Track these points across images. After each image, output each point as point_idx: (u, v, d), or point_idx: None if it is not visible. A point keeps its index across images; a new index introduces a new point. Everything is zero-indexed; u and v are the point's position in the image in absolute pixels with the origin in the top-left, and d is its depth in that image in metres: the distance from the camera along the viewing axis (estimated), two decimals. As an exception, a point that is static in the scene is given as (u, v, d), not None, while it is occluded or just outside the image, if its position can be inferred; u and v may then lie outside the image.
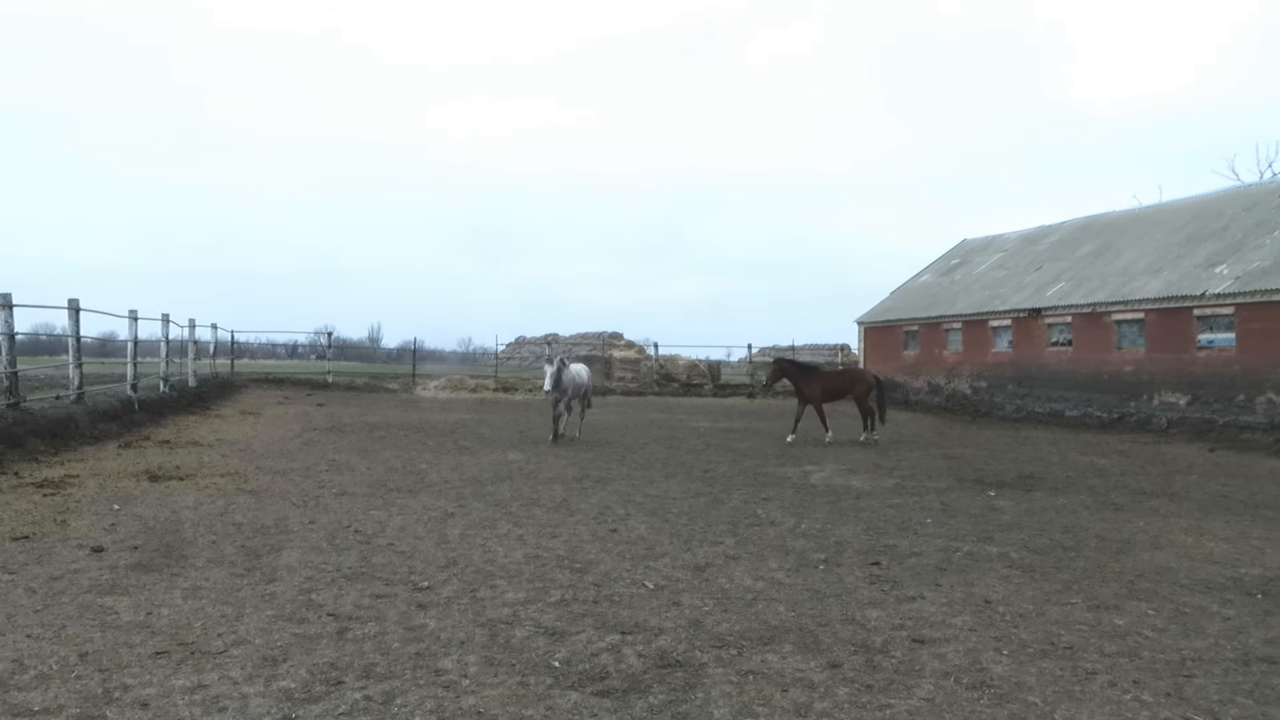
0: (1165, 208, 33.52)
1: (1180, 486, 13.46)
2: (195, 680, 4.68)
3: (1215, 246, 27.21)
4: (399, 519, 9.29)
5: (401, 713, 4.36)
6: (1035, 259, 35.67)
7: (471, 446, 16.67)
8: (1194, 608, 6.62)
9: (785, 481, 13.01)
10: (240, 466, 12.67)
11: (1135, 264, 29.46)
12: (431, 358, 67.68)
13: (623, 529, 9.13)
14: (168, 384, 23.17)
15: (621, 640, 5.55)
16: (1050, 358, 30.30)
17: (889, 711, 4.53)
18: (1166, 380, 25.79)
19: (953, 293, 37.86)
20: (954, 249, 44.31)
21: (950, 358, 35.39)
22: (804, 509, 10.60)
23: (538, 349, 63.75)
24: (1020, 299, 32.44)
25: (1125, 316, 27.50)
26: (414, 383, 37.84)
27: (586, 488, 11.87)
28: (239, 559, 7.34)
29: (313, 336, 62.45)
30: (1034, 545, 8.77)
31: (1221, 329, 24.60)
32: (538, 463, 14.44)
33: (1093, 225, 35.67)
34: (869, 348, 41.69)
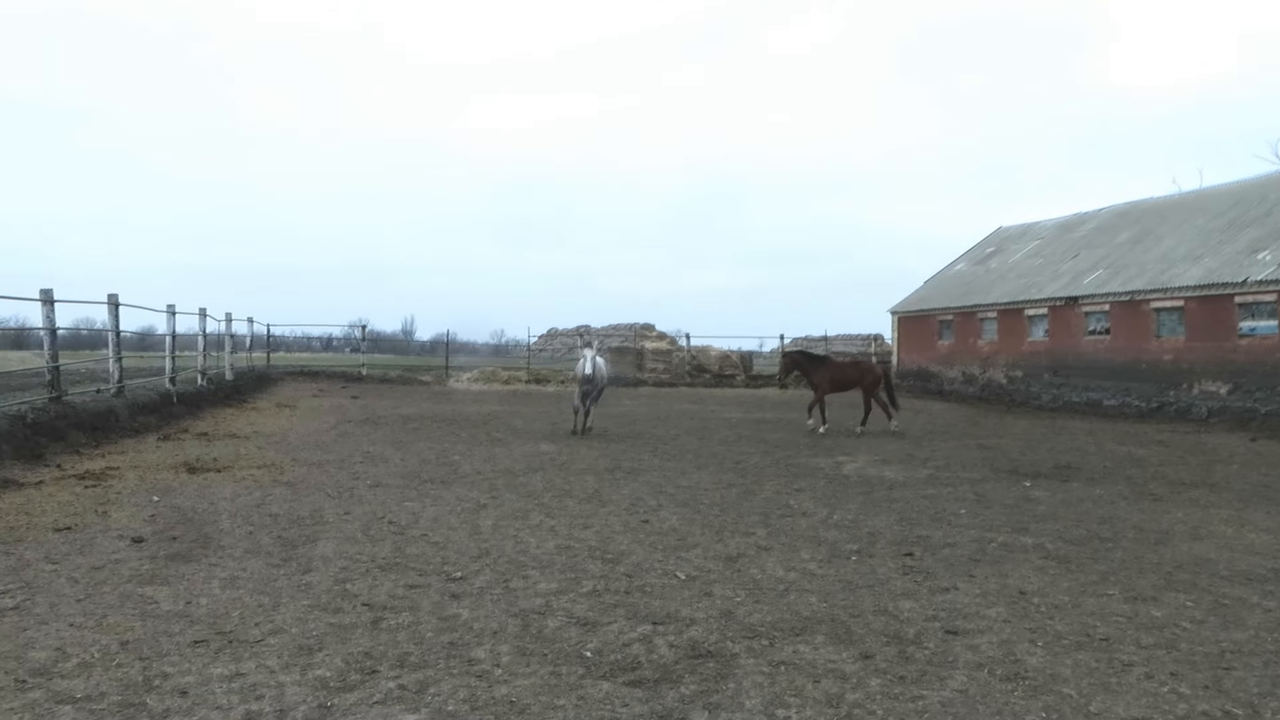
0: (1206, 193, 32.97)
1: (1221, 477, 13.26)
2: (233, 669, 4.75)
3: (1258, 232, 26.72)
4: (432, 510, 9.36)
5: (435, 701, 4.40)
6: (1072, 247, 35.23)
7: (504, 438, 16.76)
8: (1234, 599, 6.53)
9: (818, 472, 12.97)
10: (276, 458, 12.83)
11: (1175, 251, 29.01)
12: (464, 350, 68.13)
13: (655, 520, 9.14)
14: (205, 377, 23.49)
15: (653, 631, 5.56)
16: (1087, 347, 29.94)
17: (921, 702, 4.50)
18: (1207, 369, 25.40)
19: (988, 281, 37.49)
20: (989, 237, 43.87)
21: (985, 347, 35.06)
22: (836, 500, 10.56)
23: (569, 340, 63.90)
24: (1057, 287, 32.06)
25: (1164, 304, 27.10)
26: (447, 375, 38.11)
27: (618, 479, 11.90)
28: (275, 549, 7.43)
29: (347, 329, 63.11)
30: (1070, 536, 8.68)
31: (1264, 316, 24.18)
32: (570, 454, 14.49)
33: (1131, 212, 35.16)
34: (902, 338, 41.41)
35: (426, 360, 53.91)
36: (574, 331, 67.08)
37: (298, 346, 63.44)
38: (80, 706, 4.24)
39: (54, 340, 14.24)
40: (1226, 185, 32.43)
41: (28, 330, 39.17)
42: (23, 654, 4.88)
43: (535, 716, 4.26)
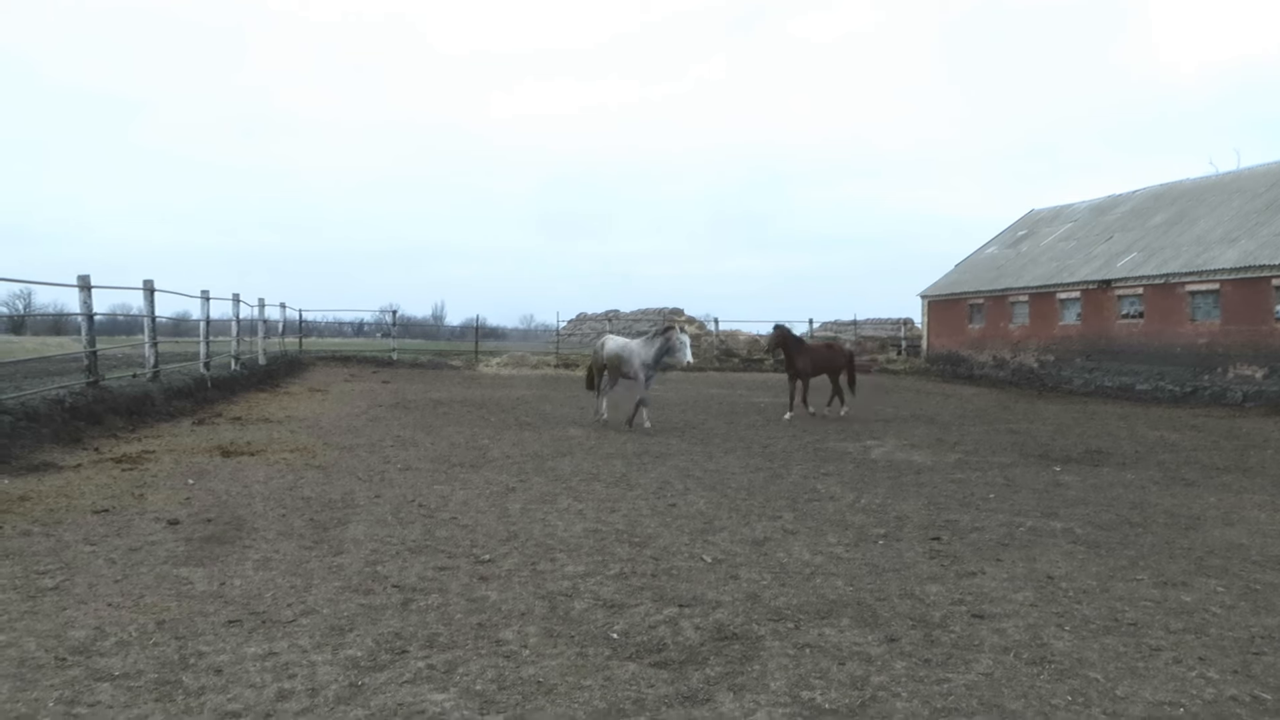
0: (1243, 174, 32.42)
1: (1255, 462, 13.10)
2: (266, 648, 4.84)
3: (1296, 214, 26.26)
4: (462, 493, 9.45)
5: (463, 681, 4.47)
6: (1106, 229, 34.79)
7: (532, 422, 16.85)
8: (1265, 584, 6.47)
9: (845, 456, 12.94)
10: (309, 442, 12.98)
11: (1211, 233, 28.58)
12: (494, 335, 68.45)
13: (682, 503, 9.18)
14: (239, 362, 23.76)
15: (679, 613, 5.60)
16: (1120, 330, 29.60)
17: (947, 685, 4.51)
18: (1243, 353, 25.04)
19: (1019, 265, 37.12)
20: (1021, 220, 43.42)
21: (1016, 331, 34.75)
22: (864, 484, 10.54)
23: (598, 325, 63.89)
24: (1089, 271, 31.69)
25: (1200, 287, 26.72)
26: (476, 360, 38.29)
27: (646, 463, 11.94)
28: (308, 532, 7.54)
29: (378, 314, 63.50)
30: (1100, 521, 8.63)
31: (1302, 299, 23.78)
32: (598, 438, 14.55)
33: (1166, 194, 34.65)
34: (932, 322, 41.12)
35: (456, 345, 54.20)
36: (603, 316, 67.07)
37: (329, 332, 64.05)
38: (118, 684, 4.35)
39: (91, 326, 14.45)
40: (1264, 166, 31.85)
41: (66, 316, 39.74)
42: (62, 633, 5.00)
43: (562, 696, 4.32)
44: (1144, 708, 4.29)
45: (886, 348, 47.69)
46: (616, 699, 4.29)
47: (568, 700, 4.27)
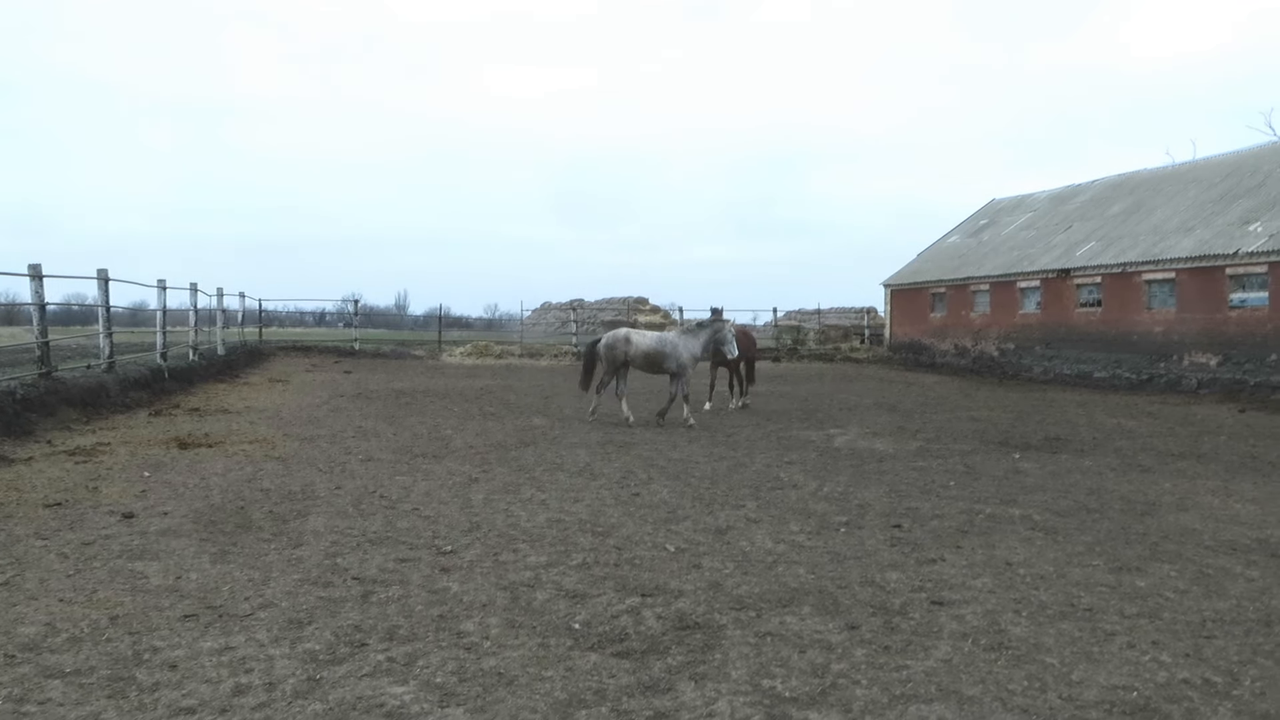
0: (1199, 165, 32.93)
1: (1209, 448, 13.34)
2: (223, 642, 4.78)
3: (1250, 204, 26.73)
4: (424, 484, 9.39)
5: (423, 674, 4.44)
6: (1065, 219, 35.21)
7: (496, 412, 16.78)
8: (1217, 569, 6.59)
9: (809, 445, 13.01)
10: (268, 433, 12.83)
11: (1167, 222, 29.01)
12: (457, 324, 68.03)
13: (645, 493, 9.18)
14: (197, 352, 23.44)
15: (641, 602, 5.60)
16: (1079, 319, 30.00)
17: (906, 672, 4.55)
18: (1197, 341, 25.48)
19: (981, 254, 37.48)
20: (982, 209, 43.82)
21: (978, 320, 35.11)
22: (827, 472, 10.61)
23: (562, 315, 63.74)
24: (1049, 259, 32.07)
25: (1156, 276, 27.14)
26: (440, 349, 38.04)
27: (610, 452, 11.93)
28: (266, 524, 7.45)
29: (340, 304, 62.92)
30: (1057, 507, 8.74)
31: (1255, 288, 24.24)
32: (562, 428, 14.52)
33: (1125, 184, 35.12)
34: (895, 310, 41.43)
35: (419, 335, 53.80)
36: (567, 306, 66.91)
37: (290, 321, 63.38)
38: (70, 680, 4.27)
39: (43, 315, 14.18)
40: (1219, 156, 32.38)
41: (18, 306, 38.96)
42: (12, 629, 4.90)
43: (523, 688, 4.30)
44: (1098, 692, 4.35)
45: (850, 336, 48.00)
46: (578, 689, 4.28)
47: (529, 691, 4.25)
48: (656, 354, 15.35)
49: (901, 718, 4.05)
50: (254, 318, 38.12)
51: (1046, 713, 4.12)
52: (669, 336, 15.82)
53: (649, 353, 15.36)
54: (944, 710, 4.13)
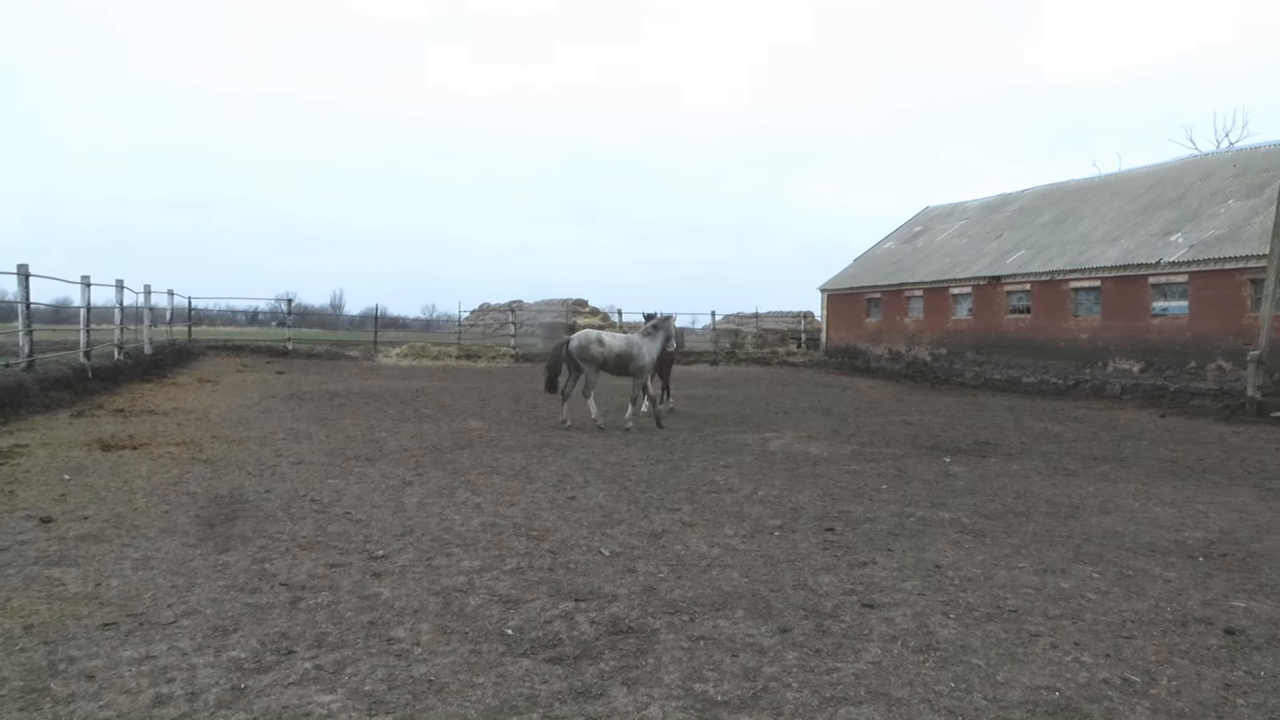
0: (1124, 176, 33.89)
1: (1130, 452, 13.72)
2: (143, 651, 4.65)
3: (1171, 215, 27.58)
4: (356, 487, 9.25)
5: (352, 681, 4.37)
6: (996, 227, 35.97)
7: (432, 414, 16.60)
8: (1137, 571, 6.78)
9: (745, 448, 13.10)
10: (196, 435, 12.54)
11: (1093, 232, 29.80)
12: (394, 325, 67.27)
13: (581, 496, 9.16)
14: (122, 351, 22.82)
15: (575, 607, 5.58)
16: (1009, 325, 30.66)
17: (836, 675, 4.60)
18: (1121, 347, 26.21)
19: (915, 260, 38.12)
20: (917, 216, 44.57)
21: (912, 325, 35.69)
22: (762, 475, 10.68)
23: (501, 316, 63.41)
24: (981, 267, 32.73)
25: (1082, 284, 27.86)
26: (375, 350, 37.55)
27: (546, 455, 11.88)
28: (192, 529, 7.27)
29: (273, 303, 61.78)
30: (986, 510, 8.92)
31: (1175, 297, 25.00)
32: (499, 431, 14.42)
33: (1053, 193, 36.00)
34: (832, 315, 41.94)
35: (355, 335, 53.07)
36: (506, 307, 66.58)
37: (221, 320, 62.09)
38: (-20, 692, 4.12)
39: (-41, 313, 13.68)
40: (1143, 169, 33.37)
41: (-67, 302, 37.63)
42: (-80, 639, 4.72)
43: (454, 695, 4.25)
44: (1022, 692, 4.45)
45: (787, 340, 48.47)
46: (509, 696, 4.25)
47: (459, 699, 4.21)
48: (626, 355, 15.49)
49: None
50: (183, 316, 37.24)
51: (972, 713, 4.20)
52: (634, 338, 15.92)
53: (621, 354, 15.46)
54: (873, 712, 4.18)
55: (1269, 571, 6.86)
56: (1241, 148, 33.19)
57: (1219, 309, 23.54)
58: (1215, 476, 11.45)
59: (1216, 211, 26.14)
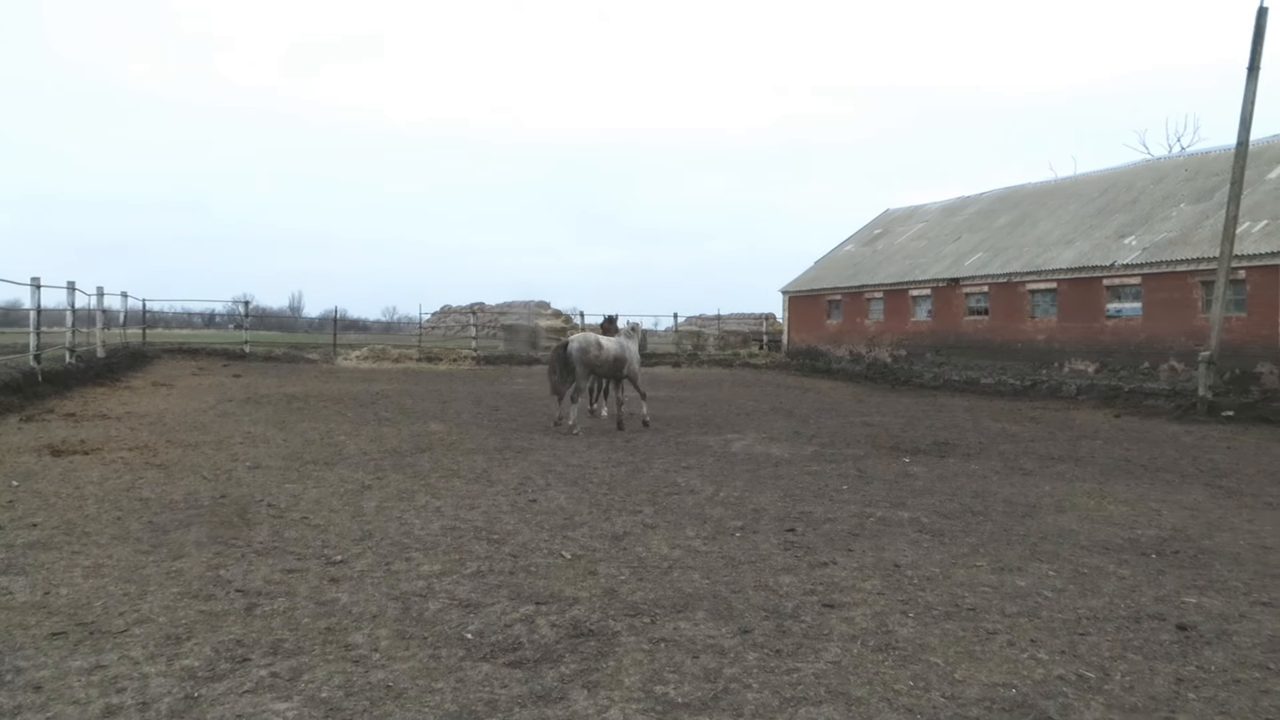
0: (1079, 180, 34.41)
1: (1086, 451, 13.92)
2: (93, 661, 4.56)
3: (1125, 218, 28.05)
4: (314, 492, 9.14)
5: (308, 689, 4.31)
6: (955, 230, 36.37)
7: (392, 418, 16.46)
8: (1092, 568, 6.87)
9: (706, 450, 13.12)
10: (150, 440, 12.33)
11: (1049, 235, 30.23)
12: (354, 327, 66.71)
13: (542, 499, 9.12)
14: (74, 355, 22.40)
15: (536, 611, 5.55)
16: (968, 326, 31.00)
17: (796, 675, 4.61)
18: (1077, 349, 26.61)
19: (875, 262, 38.43)
20: (877, 219, 44.94)
21: (872, 326, 35.98)
22: (724, 477, 10.71)
23: (462, 318, 63.10)
24: (940, 269, 33.07)
25: (1039, 286, 28.24)
26: (335, 353, 37.19)
27: (508, 458, 11.82)
28: (145, 535, 7.15)
29: (230, 305, 60.99)
30: (944, 510, 9.00)
31: (1129, 299, 25.43)
32: (460, 434, 14.33)
33: (1010, 196, 36.48)
34: (793, 317, 42.17)
35: (314, 337, 52.54)
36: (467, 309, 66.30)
37: (177, 323, 61.21)
38: (-78, 705, 4.01)
39: (-97, 316, 13.35)
40: (1098, 172, 33.91)
41: (-123, 304, 36.72)
42: None
43: (412, 701, 4.21)
44: (979, 689, 4.49)
45: (749, 342, 48.66)
46: (468, 701, 4.22)
47: (418, 704, 4.17)
48: (621, 359, 15.64)
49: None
50: (137, 319, 36.64)
51: (930, 711, 4.23)
52: (623, 341, 16.05)
53: (617, 358, 15.58)
54: (832, 712, 4.19)
55: (1219, 568, 6.99)
56: (1193, 152, 33.84)
57: (1171, 311, 23.97)
58: (1168, 475, 11.65)
59: (1169, 215, 26.63)
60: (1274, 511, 9.33)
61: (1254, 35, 20.03)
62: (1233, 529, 8.43)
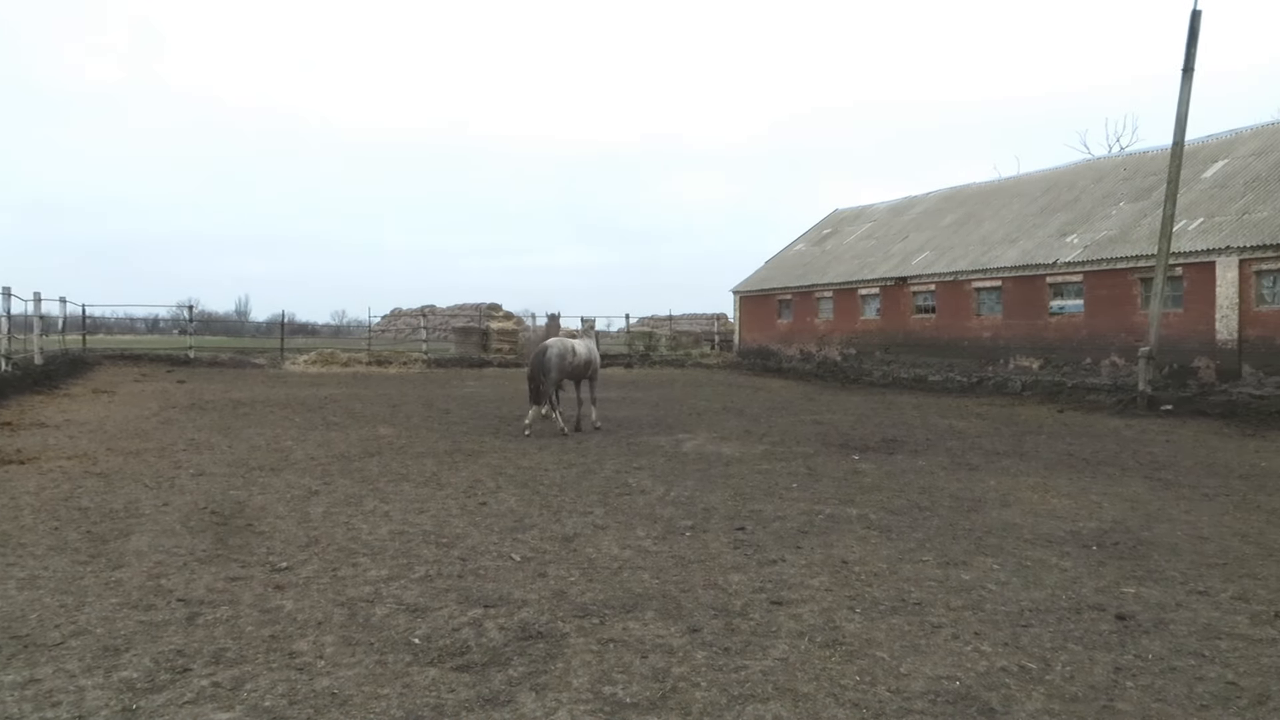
0: (1022, 180, 35.00)
1: (1030, 446, 14.16)
2: (27, 675, 4.44)
3: (1067, 217, 28.58)
4: (260, 498, 9.01)
5: (251, 698, 4.24)
6: (902, 229, 36.80)
7: (340, 422, 16.27)
8: (1035, 561, 6.99)
9: (658, 450, 13.14)
10: (90, 448, 12.06)
11: (994, 233, 30.71)
12: (303, 331, 65.78)
13: (493, 502, 9.07)
14: (10, 362, 21.85)
15: (484, 614, 5.52)
16: (915, 324, 31.39)
17: (744, 673, 4.63)
18: (1021, 345, 27.06)
19: (824, 262, 38.76)
20: (826, 219, 45.33)
21: (822, 325, 36.28)
22: (674, 477, 10.73)
23: (413, 321, 62.57)
24: (888, 268, 33.45)
25: (984, 284, 28.67)
26: (282, 357, 36.67)
27: (458, 461, 11.74)
28: (83, 545, 6.99)
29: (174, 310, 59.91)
30: (892, 506, 9.10)
31: (1071, 296, 25.91)
32: (409, 437, 14.20)
33: (956, 196, 36.99)
34: (744, 316, 42.40)
35: (261, 342, 51.74)
36: (418, 312, 65.75)
37: (119, 328, 59.88)
38: None
39: None
40: (1040, 172, 34.52)
41: None
42: None
43: (357, 708, 4.16)
44: (925, 682, 4.54)
45: (701, 342, 48.85)
46: (414, 706, 4.18)
47: (363, 711, 4.12)
48: (589, 361, 15.81)
49: (739, 718, 4.12)
50: (77, 324, 35.81)
51: (876, 705, 4.27)
52: (589, 344, 16.16)
53: (587, 361, 15.77)
54: (780, 708, 4.22)
55: (1157, 558, 7.15)
56: (1132, 152, 34.57)
57: (1112, 307, 24.48)
58: (1109, 468, 11.89)
59: (1109, 213, 27.19)
60: (1210, 503, 9.56)
61: (1188, 38, 20.53)
62: (1170, 520, 8.62)
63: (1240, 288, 21.40)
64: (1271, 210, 21.92)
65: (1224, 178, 25.00)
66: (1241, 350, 21.31)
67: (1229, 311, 21.62)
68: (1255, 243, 21.00)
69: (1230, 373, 21.39)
